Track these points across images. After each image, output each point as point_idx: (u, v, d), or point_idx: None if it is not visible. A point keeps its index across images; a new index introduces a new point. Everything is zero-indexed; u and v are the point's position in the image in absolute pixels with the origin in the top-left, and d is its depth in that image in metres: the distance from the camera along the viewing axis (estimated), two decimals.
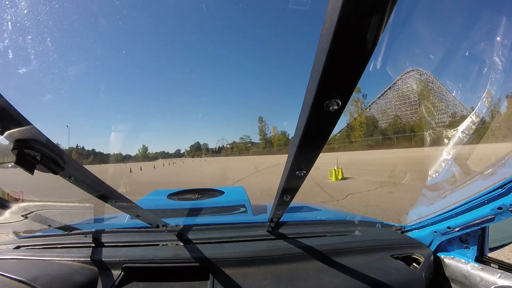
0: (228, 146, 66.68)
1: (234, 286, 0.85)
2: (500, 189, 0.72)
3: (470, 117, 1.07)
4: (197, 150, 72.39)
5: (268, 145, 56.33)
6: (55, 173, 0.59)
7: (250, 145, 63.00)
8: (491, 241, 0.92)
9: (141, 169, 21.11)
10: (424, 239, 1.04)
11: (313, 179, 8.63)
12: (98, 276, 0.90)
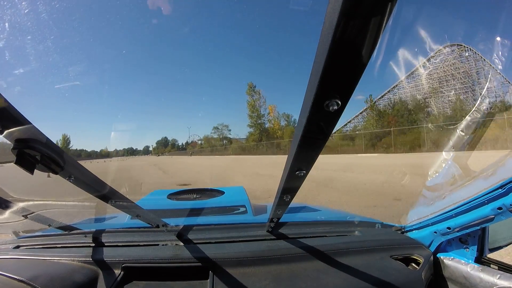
0: (197, 141, 49.07)
1: (234, 286, 0.85)
2: (500, 190, 0.72)
3: (470, 115, 1.07)
4: (165, 146, 60.59)
5: (264, 136, 33.35)
6: (55, 172, 0.59)
7: (227, 141, 41.37)
8: (491, 241, 0.92)
9: None
10: (424, 240, 1.04)
11: None
12: (98, 276, 0.90)
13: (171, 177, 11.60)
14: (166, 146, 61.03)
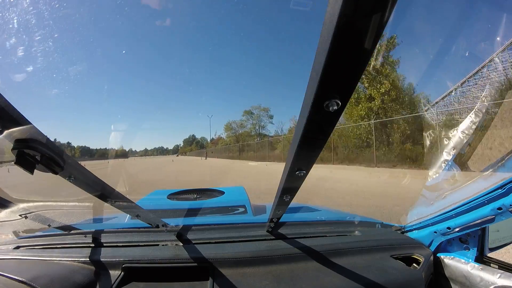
0: (219, 136, 37.74)
1: (234, 286, 0.85)
2: (500, 190, 0.72)
3: (470, 116, 1.07)
4: (190, 145, 57.77)
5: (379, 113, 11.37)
6: (55, 173, 0.60)
7: (261, 137, 25.50)
8: (491, 241, 0.92)
9: None
10: (424, 239, 1.04)
11: None
12: (98, 276, 0.90)
13: None
14: (191, 145, 57.11)
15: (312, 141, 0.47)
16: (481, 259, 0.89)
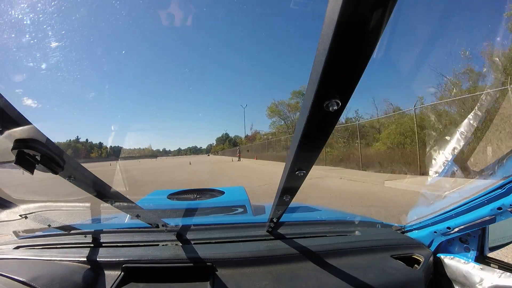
0: (256, 131, 33.73)
1: (234, 286, 0.85)
2: (500, 190, 0.72)
3: (469, 117, 1.07)
4: (223, 143, 56.51)
5: None
6: (55, 173, 0.60)
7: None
8: (491, 241, 0.92)
9: None
10: (424, 239, 1.04)
11: None
12: (98, 276, 0.90)
13: None
14: (224, 143, 55.41)
15: (312, 141, 0.47)
16: (481, 259, 0.89)
